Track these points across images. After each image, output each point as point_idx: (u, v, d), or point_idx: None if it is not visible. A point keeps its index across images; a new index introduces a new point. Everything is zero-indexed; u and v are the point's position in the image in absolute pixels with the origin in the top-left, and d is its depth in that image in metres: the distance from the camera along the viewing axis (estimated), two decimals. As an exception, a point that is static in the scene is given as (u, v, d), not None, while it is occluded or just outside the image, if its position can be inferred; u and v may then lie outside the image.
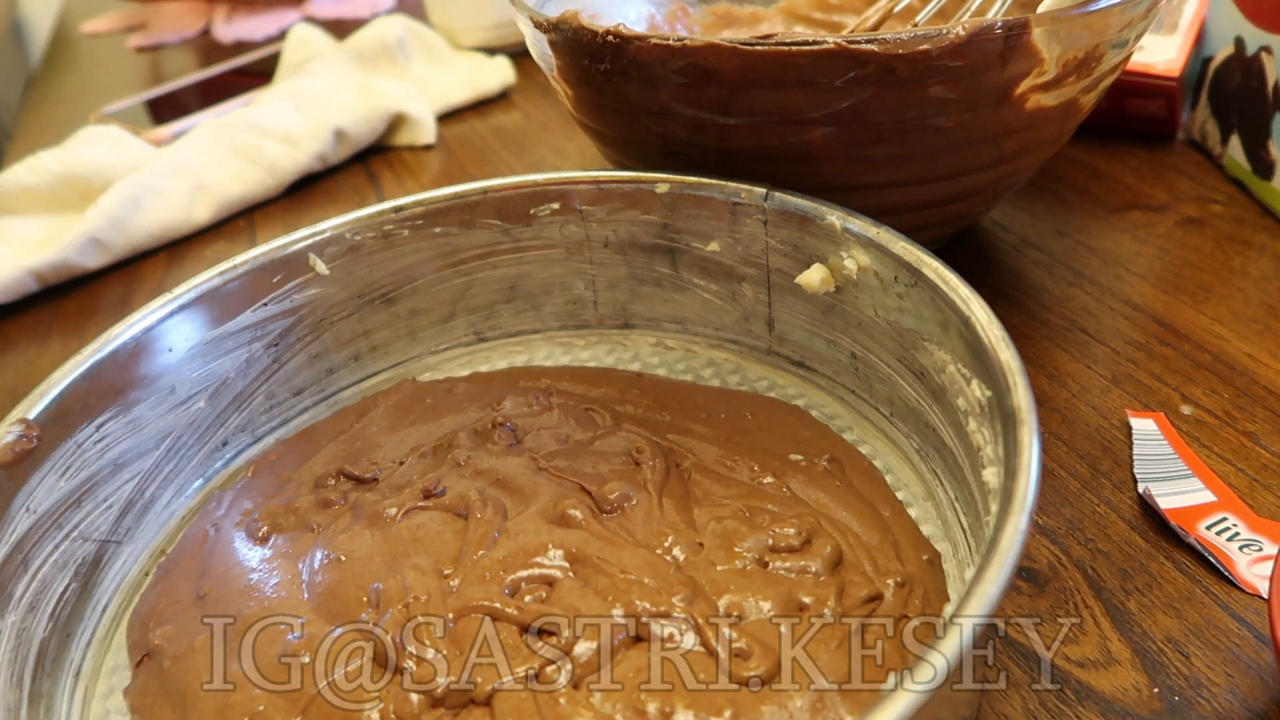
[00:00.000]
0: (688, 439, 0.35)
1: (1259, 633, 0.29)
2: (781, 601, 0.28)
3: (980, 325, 0.28)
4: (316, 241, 0.37)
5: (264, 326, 0.37)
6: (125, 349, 0.33)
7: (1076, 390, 0.38)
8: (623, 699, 0.25)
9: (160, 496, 0.35)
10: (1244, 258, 0.45)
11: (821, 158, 0.37)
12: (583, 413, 0.36)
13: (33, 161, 0.56)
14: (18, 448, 0.29)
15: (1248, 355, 0.39)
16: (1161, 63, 0.51)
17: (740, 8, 0.54)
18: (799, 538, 0.30)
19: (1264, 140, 0.47)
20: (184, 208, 0.56)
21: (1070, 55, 0.35)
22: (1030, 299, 0.43)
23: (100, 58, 0.91)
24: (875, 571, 0.29)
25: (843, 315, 0.35)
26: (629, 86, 0.37)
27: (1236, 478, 0.34)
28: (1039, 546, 0.32)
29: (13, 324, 0.51)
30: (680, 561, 0.29)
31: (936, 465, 0.32)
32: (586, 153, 0.61)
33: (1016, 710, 0.27)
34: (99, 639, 0.31)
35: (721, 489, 0.32)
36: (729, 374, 0.39)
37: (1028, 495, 0.23)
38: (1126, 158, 0.53)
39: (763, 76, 0.34)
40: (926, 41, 0.33)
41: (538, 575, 0.29)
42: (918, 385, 0.33)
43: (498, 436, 0.35)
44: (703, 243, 0.38)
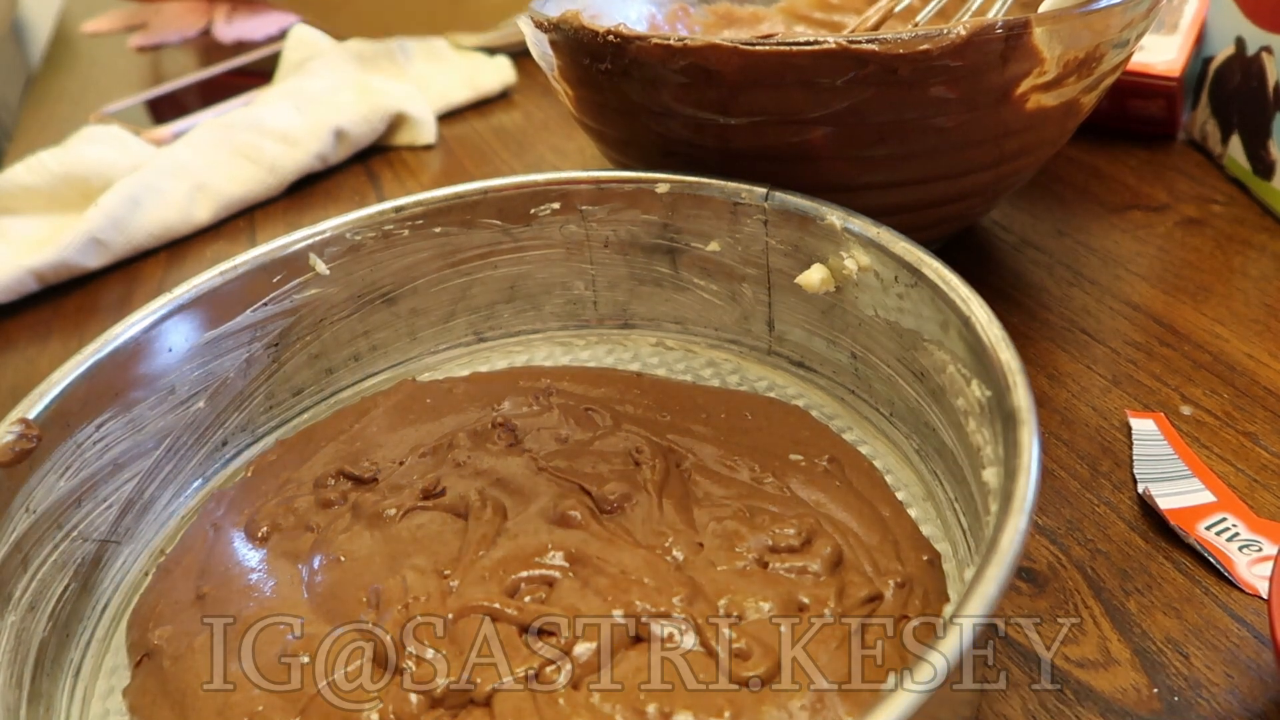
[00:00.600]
0: (687, 439, 0.35)
1: (1259, 633, 0.29)
2: (781, 602, 0.28)
3: (980, 325, 0.28)
4: (316, 241, 0.37)
5: (264, 326, 0.37)
6: (125, 349, 0.33)
7: (1076, 390, 0.38)
8: (622, 699, 0.25)
9: (160, 496, 0.35)
10: (1244, 258, 0.45)
11: (822, 158, 0.37)
12: (583, 413, 0.36)
13: (33, 161, 0.56)
14: (17, 447, 0.29)
15: (1248, 355, 0.39)
16: (1162, 63, 0.51)
17: (741, 7, 0.54)
18: (799, 538, 0.30)
19: (1264, 140, 0.47)
20: (184, 208, 0.56)
21: (1071, 55, 0.35)
22: (1030, 299, 0.43)
23: (100, 58, 0.91)
24: (875, 572, 0.29)
25: (843, 315, 0.35)
26: (629, 86, 0.37)
27: (1236, 478, 0.34)
28: (1039, 547, 0.32)
29: (13, 324, 0.51)
30: (680, 562, 0.29)
31: (936, 465, 0.32)
32: (586, 153, 0.61)
33: (1016, 710, 0.27)
34: (98, 639, 0.31)
35: (721, 489, 0.32)
36: (729, 374, 0.39)
37: (1027, 495, 0.23)
38: (1126, 158, 0.53)
39: (763, 76, 0.34)
40: (927, 41, 0.33)
41: (537, 575, 0.29)
42: (917, 385, 0.33)
43: (497, 437, 0.35)
44: (703, 243, 0.38)
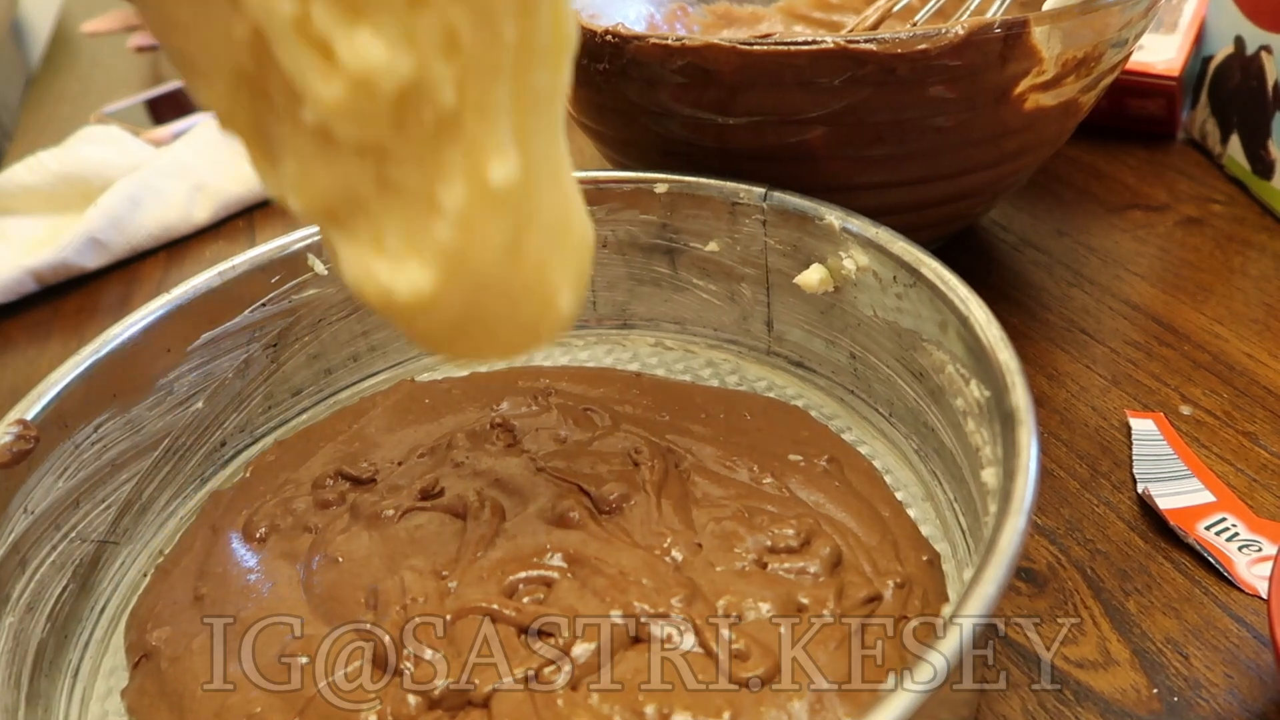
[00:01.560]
0: (686, 439, 0.35)
1: (1258, 633, 0.29)
2: (780, 602, 0.28)
3: (979, 325, 0.28)
4: (316, 241, 0.37)
5: (263, 327, 0.37)
6: (124, 349, 0.33)
7: (1076, 390, 0.38)
8: (621, 700, 0.25)
9: (158, 497, 0.35)
10: (1244, 258, 0.45)
11: (821, 157, 0.37)
12: (581, 413, 0.36)
13: (33, 161, 0.56)
14: (15, 448, 0.29)
15: (1248, 355, 0.39)
16: (1161, 62, 0.51)
17: (739, 7, 0.54)
18: (798, 539, 0.30)
19: (1264, 140, 0.47)
20: (184, 208, 0.56)
21: (1070, 55, 0.35)
22: (1030, 299, 0.43)
23: (100, 58, 0.91)
24: (875, 572, 0.29)
25: (841, 315, 0.35)
26: (628, 86, 0.37)
27: (1236, 478, 0.34)
28: (1038, 547, 0.32)
29: (13, 324, 0.51)
30: (679, 563, 0.29)
31: (935, 466, 0.32)
32: (586, 153, 0.61)
33: (1016, 710, 0.27)
34: (97, 640, 0.31)
35: (720, 490, 0.32)
36: (728, 374, 0.39)
37: (1026, 495, 0.23)
38: (1126, 158, 0.53)
39: (762, 76, 0.34)
40: (925, 41, 0.33)
41: (536, 576, 0.29)
42: (916, 385, 0.33)
43: (496, 437, 0.35)
44: (701, 242, 0.38)
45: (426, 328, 0.24)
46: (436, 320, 0.23)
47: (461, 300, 0.22)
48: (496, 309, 0.23)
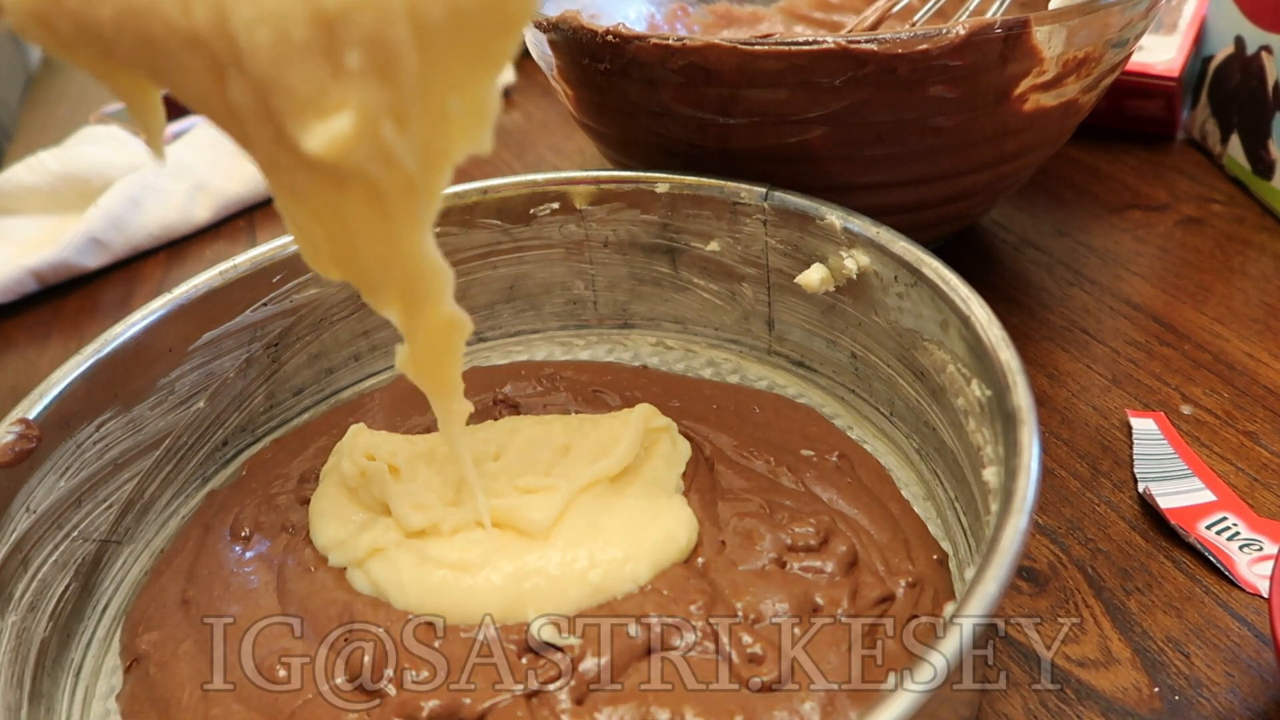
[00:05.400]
0: (704, 426, 0.34)
1: (1259, 632, 0.29)
2: (797, 603, 0.27)
3: (980, 325, 0.28)
4: (316, 241, 0.37)
5: (264, 326, 0.37)
6: (125, 349, 0.33)
7: (1076, 390, 0.38)
8: (630, 710, 0.25)
9: (160, 496, 0.35)
10: (1244, 257, 0.45)
11: (821, 157, 0.37)
12: (591, 394, 0.35)
13: (33, 161, 0.56)
14: (17, 448, 0.29)
15: (1248, 355, 0.39)
16: (1161, 63, 0.51)
17: (740, 7, 0.54)
18: (816, 537, 0.29)
19: (1264, 140, 0.47)
20: (184, 208, 0.56)
21: (1070, 55, 0.35)
22: (1030, 299, 0.43)
23: (100, 58, 0.91)
24: (887, 571, 0.29)
25: (842, 315, 0.35)
26: (629, 86, 0.37)
27: (1236, 477, 0.34)
28: (1039, 546, 0.32)
29: (13, 324, 0.51)
30: (700, 566, 0.29)
31: (937, 465, 0.32)
32: (586, 153, 0.61)
33: (1017, 710, 0.27)
34: (99, 639, 0.31)
35: (743, 481, 0.32)
36: (729, 374, 0.39)
37: (1028, 495, 0.23)
38: (1126, 158, 0.53)
39: (762, 76, 0.34)
40: (926, 41, 0.33)
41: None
42: (918, 385, 0.33)
43: (499, 413, 0.34)
44: (702, 242, 0.38)
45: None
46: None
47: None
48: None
